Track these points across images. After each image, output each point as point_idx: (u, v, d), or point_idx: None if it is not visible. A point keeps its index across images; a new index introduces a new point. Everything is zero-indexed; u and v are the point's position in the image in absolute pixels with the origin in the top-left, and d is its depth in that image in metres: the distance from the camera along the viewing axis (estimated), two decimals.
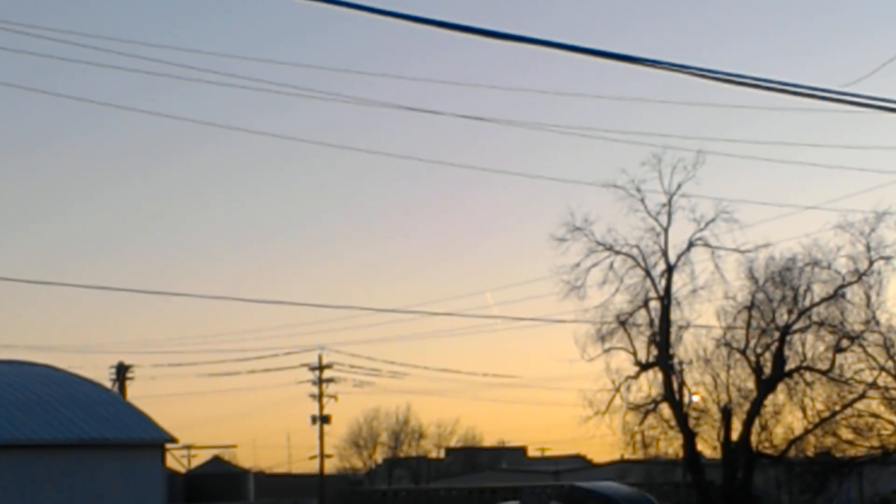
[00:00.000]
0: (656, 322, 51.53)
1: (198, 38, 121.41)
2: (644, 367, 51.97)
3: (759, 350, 51.32)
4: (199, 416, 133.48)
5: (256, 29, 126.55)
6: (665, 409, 52.38)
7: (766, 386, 50.91)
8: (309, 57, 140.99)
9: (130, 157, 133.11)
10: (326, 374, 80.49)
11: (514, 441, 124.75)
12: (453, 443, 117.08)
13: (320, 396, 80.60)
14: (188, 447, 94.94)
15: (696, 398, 52.90)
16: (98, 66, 29.39)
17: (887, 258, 49.71)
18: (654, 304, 51.63)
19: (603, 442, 62.27)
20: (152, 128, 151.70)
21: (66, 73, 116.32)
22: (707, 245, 50.89)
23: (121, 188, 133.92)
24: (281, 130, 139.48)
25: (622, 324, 51.86)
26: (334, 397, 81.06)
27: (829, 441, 51.67)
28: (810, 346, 51.15)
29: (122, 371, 73.90)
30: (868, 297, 50.03)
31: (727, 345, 52.08)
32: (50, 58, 28.94)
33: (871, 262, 49.67)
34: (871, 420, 50.79)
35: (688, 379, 52.52)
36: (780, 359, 50.78)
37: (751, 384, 51.58)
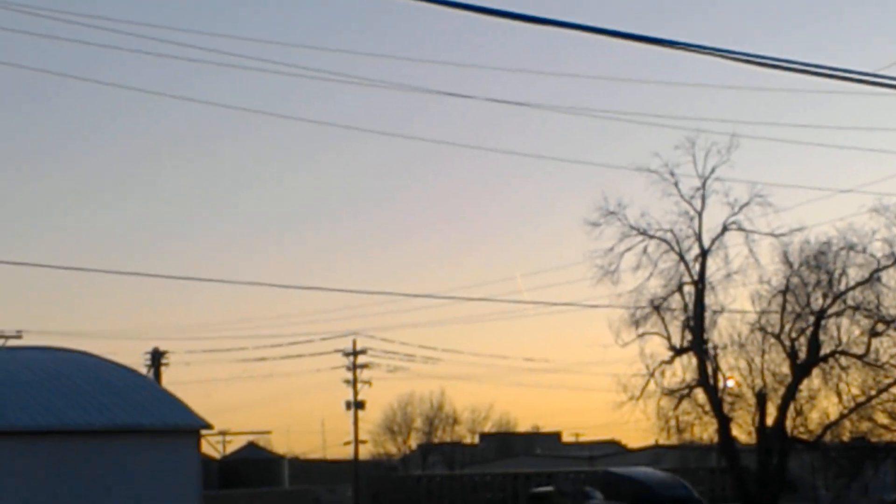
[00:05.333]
0: (690, 307, 51.40)
1: (236, 25, 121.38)
2: (678, 351, 51.85)
3: (793, 334, 51.13)
4: (233, 402, 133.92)
5: (296, 16, 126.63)
6: (699, 395, 52.25)
7: (801, 370, 50.71)
8: (348, 43, 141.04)
9: (166, 144, 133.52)
10: (361, 359, 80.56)
11: (548, 426, 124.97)
12: (487, 428, 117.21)
13: (354, 382, 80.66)
14: (223, 433, 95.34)
15: (730, 383, 52.75)
16: (134, 53, 29.42)
17: None
18: (688, 289, 51.50)
19: (637, 427, 62.11)
20: (190, 115, 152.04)
21: (102, 60, 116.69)
22: (741, 229, 50.75)
23: (158, 176, 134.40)
24: (318, 117, 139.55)
25: (656, 308, 51.75)
26: (368, 383, 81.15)
27: (864, 426, 51.46)
28: (845, 330, 50.96)
29: (157, 357, 74.18)
30: None
31: (762, 329, 51.92)
32: (86, 44, 29.04)
33: None
34: None
35: (722, 364, 52.39)
36: (815, 343, 50.57)
37: (786, 369, 51.40)
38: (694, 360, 51.78)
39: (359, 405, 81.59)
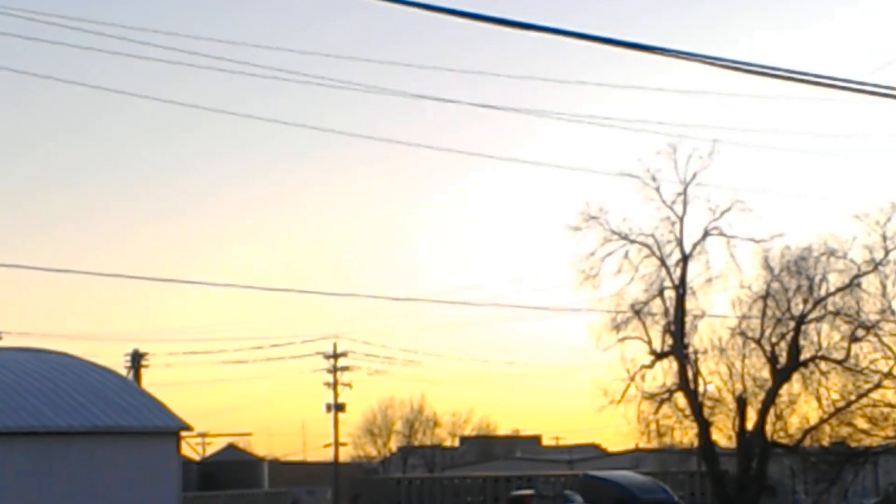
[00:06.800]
0: (671, 311, 51.50)
1: (206, 26, 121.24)
2: (659, 356, 51.94)
3: (774, 339, 51.26)
4: (214, 403, 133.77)
5: (265, 16, 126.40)
6: (680, 399, 52.36)
7: (781, 375, 50.85)
8: (317, 44, 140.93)
9: (143, 143, 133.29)
10: (341, 362, 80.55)
11: (528, 430, 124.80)
12: (468, 431, 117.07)
13: (335, 384, 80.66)
14: (203, 435, 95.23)
15: (710, 387, 52.89)
16: (108, 54, 29.17)
17: None
18: (669, 294, 51.60)
19: (617, 431, 62.11)
20: (165, 114, 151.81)
21: (77, 60, 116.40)
22: (722, 234, 50.87)
23: (136, 175, 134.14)
24: (294, 119, 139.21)
25: (637, 313, 51.84)
26: (349, 385, 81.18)
27: (844, 431, 51.60)
28: (825, 335, 51.13)
29: (137, 359, 74.00)
30: (883, 287, 49.98)
31: (742, 334, 52.04)
32: (61, 45, 28.81)
33: (887, 252, 49.58)
34: (887, 410, 50.72)
35: (703, 368, 52.52)
36: (795, 348, 50.71)
37: (766, 374, 51.53)
38: (674, 365, 51.88)
39: (339, 408, 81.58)
